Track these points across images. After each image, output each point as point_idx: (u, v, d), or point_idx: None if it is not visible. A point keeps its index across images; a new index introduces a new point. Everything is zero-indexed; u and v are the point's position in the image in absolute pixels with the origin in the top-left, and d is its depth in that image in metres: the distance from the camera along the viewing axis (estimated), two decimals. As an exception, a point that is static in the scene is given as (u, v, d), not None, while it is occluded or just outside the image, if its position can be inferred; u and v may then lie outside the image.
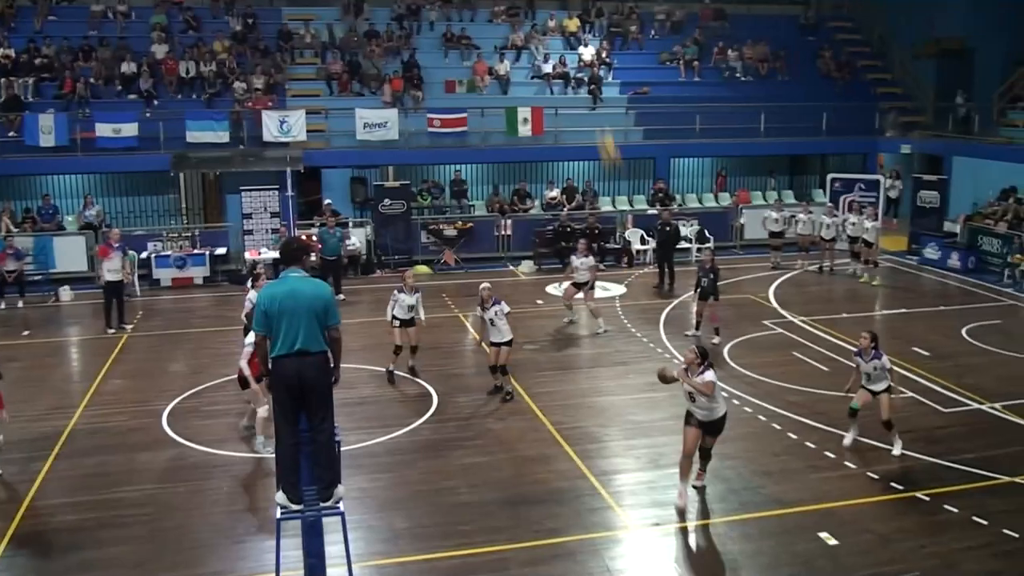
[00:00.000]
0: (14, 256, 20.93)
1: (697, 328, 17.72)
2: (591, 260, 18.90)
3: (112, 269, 19.21)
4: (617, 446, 12.86)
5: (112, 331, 19.16)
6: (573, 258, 19.03)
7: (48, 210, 24.95)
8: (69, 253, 23.44)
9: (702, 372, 10.79)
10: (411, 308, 15.48)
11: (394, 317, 15.58)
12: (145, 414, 14.30)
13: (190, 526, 10.72)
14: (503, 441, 13.03)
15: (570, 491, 11.38)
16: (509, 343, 14.68)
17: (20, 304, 21.22)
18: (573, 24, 31.93)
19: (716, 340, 17.21)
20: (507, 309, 14.76)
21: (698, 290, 17.65)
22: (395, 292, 15.62)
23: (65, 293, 22.07)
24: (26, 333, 19.35)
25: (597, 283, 19.32)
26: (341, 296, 20.62)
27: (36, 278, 22.33)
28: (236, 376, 12.88)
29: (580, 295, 18.88)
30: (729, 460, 12.14)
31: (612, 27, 32.28)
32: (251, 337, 10.74)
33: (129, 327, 19.47)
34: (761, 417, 13.82)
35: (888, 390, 12.30)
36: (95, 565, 9.93)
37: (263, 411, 12.03)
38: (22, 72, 27.23)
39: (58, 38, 28.51)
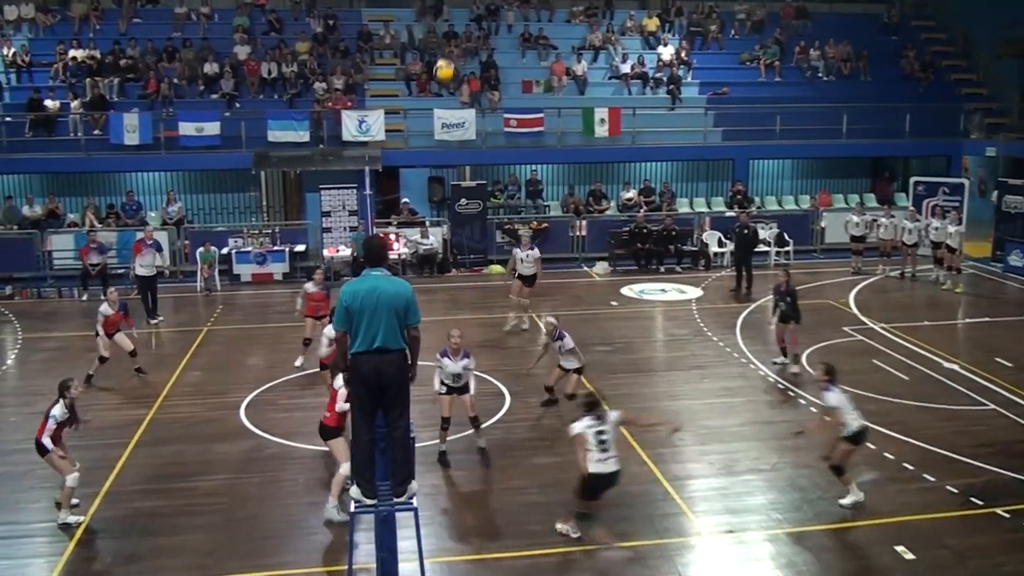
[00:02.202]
0: (97, 250, 21.46)
1: (784, 354, 16.25)
2: (536, 252, 18.75)
3: (144, 264, 19.88)
4: (691, 451, 12.71)
5: (153, 322, 19.78)
6: (517, 251, 18.92)
7: (131, 206, 25.63)
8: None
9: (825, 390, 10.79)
10: (458, 377, 12.39)
11: (442, 383, 12.53)
12: (223, 406, 14.59)
13: (263, 517, 10.91)
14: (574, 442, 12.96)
15: (642, 495, 11.28)
16: (579, 370, 14.03)
17: (103, 297, 21.72)
18: (652, 24, 31.70)
19: (796, 369, 15.91)
20: (570, 344, 13.85)
21: (776, 314, 16.15)
22: (438, 356, 12.41)
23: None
24: (153, 322, 19.91)
25: (671, 286, 19.04)
26: None
27: (119, 272, 22.93)
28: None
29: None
30: (805, 469, 11.94)
31: (692, 27, 31.95)
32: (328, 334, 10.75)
33: (160, 319, 20.01)
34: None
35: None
36: (169, 551, 10.17)
37: (344, 469, 10.30)
38: (107, 73, 28.02)
39: (143, 40, 29.28)
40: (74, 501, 10.90)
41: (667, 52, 30.38)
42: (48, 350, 18.17)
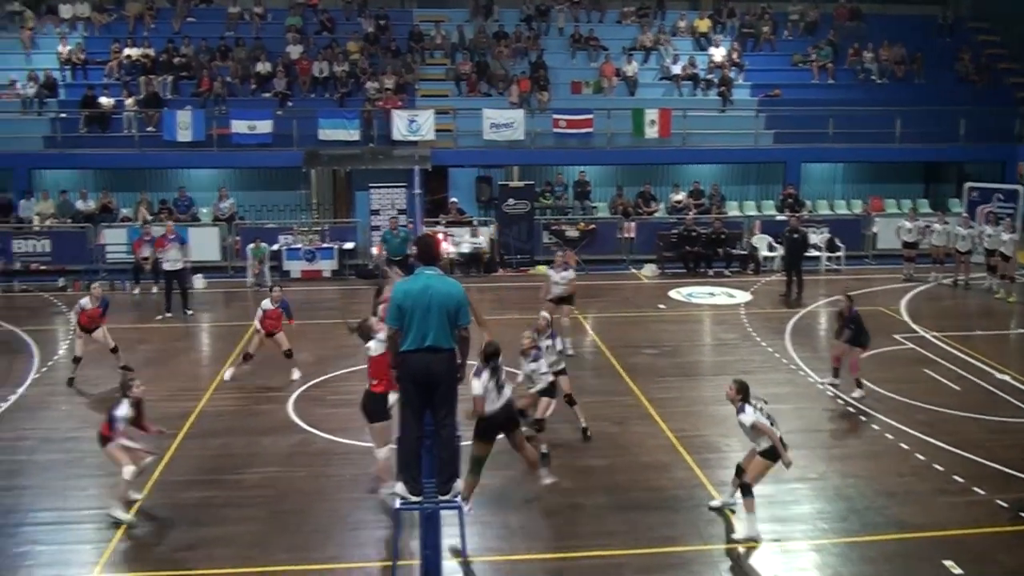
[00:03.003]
0: (176, 240, 21.52)
1: (835, 376, 15.37)
2: (571, 274, 17.18)
3: (170, 259, 20.18)
4: (737, 457, 12.40)
5: (170, 315, 20.05)
6: (551, 272, 17.40)
7: (184, 202, 26.00)
8: (203, 243, 24.25)
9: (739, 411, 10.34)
10: (528, 380, 12.24)
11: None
12: (271, 400, 14.74)
13: (309, 511, 10.99)
14: (620, 445, 12.92)
15: (687, 500, 11.20)
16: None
17: (155, 290, 22.08)
18: (704, 25, 31.49)
19: (858, 393, 14.81)
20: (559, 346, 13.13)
21: (842, 337, 15.01)
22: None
23: (198, 281, 22.92)
24: (159, 318, 20.19)
25: (719, 290, 18.78)
26: None
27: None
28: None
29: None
30: (852, 478, 11.78)
31: (744, 28, 31.69)
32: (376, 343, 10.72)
33: (191, 312, 20.27)
34: (888, 436, 13.32)
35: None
36: (216, 541, 10.29)
37: (382, 453, 10.73)
38: (161, 71, 28.47)
39: (196, 39, 29.73)
40: (135, 496, 11.02)
41: (719, 53, 30.17)
42: (99, 342, 18.43)
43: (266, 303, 15.79)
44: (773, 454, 10.23)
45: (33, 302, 21.54)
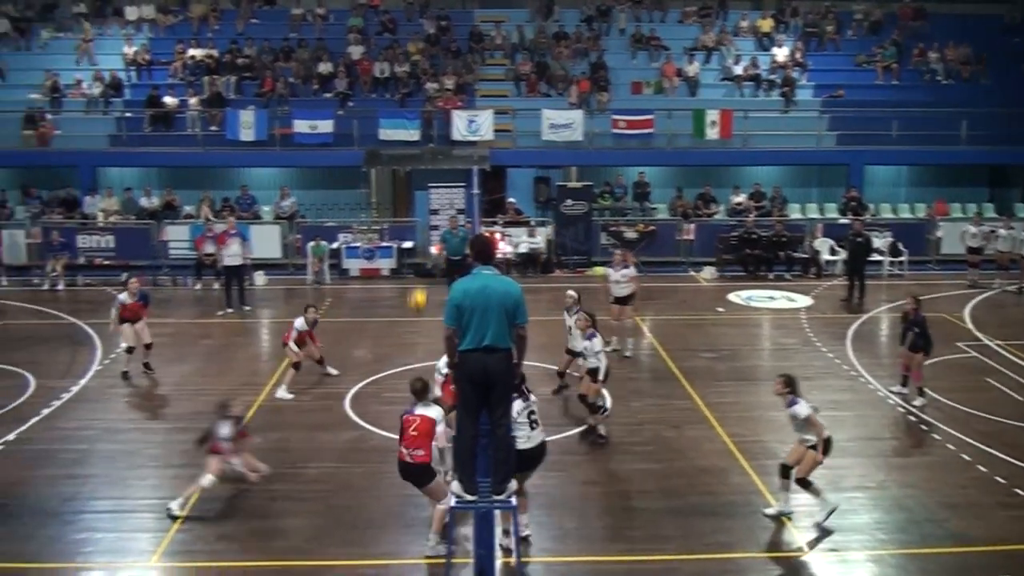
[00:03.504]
0: (238, 236, 21.17)
1: (904, 384, 15.02)
2: (631, 271, 17.16)
3: (231, 255, 20.42)
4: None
5: (231, 310, 20.35)
6: (610, 271, 17.24)
7: (246, 200, 26.36)
8: (264, 241, 24.55)
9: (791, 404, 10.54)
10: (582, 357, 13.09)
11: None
12: (328, 396, 14.87)
13: (365, 507, 11.08)
14: (676, 449, 12.82)
15: (744, 506, 11.07)
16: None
17: (216, 286, 22.40)
18: (767, 24, 31.14)
19: (919, 401, 14.52)
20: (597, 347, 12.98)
21: (906, 342, 14.75)
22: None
23: (260, 278, 23.24)
24: (220, 313, 20.49)
25: (780, 293, 18.51)
26: None
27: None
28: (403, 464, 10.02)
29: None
30: (911, 489, 11.55)
31: (807, 27, 31.25)
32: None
33: (248, 308, 20.45)
34: (949, 446, 13.01)
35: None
36: (272, 533, 10.43)
37: (444, 505, 9.39)
38: (225, 71, 28.95)
39: (259, 39, 30.17)
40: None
41: (781, 53, 29.81)
42: (161, 335, 18.71)
43: (123, 296, 15.99)
44: (825, 446, 10.42)
45: (96, 296, 21.99)
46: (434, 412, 9.62)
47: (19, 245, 24.84)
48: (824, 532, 10.39)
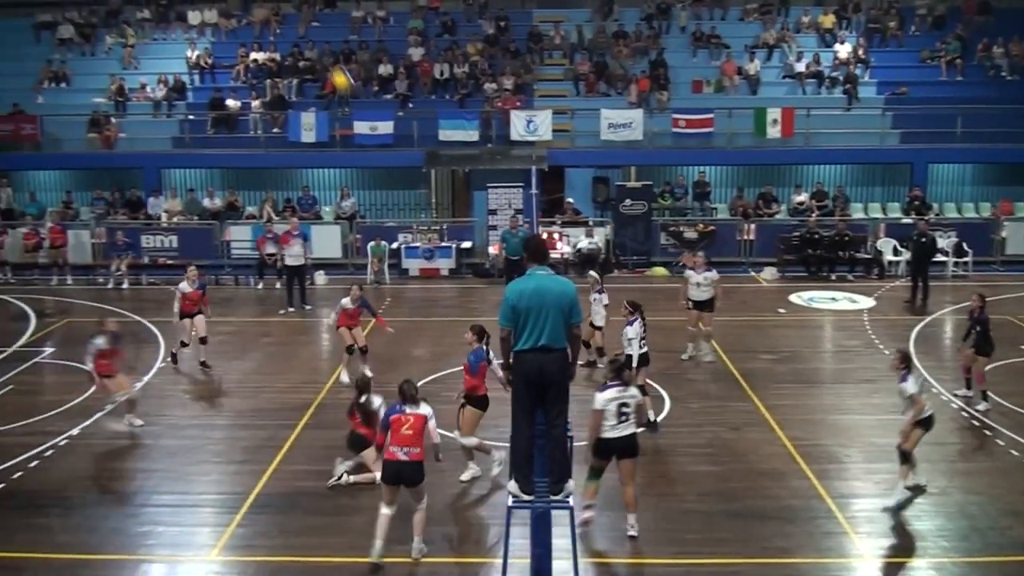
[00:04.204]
0: (300, 237, 21.46)
1: (968, 386, 14.68)
2: (714, 274, 16.27)
3: (293, 255, 20.69)
4: (857, 469, 12.20)
5: (292, 309, 20.59)
6: (691, 273, 16.40)
7: (307, 200, 26.68)
8: (325, 241, 24.80)
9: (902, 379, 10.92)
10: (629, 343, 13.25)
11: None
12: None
13: (423, 505, 11.11)
14: (736, 452, 12.68)
15: (804, 511, 10.91)
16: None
17: (277, 285, 22.68)
18: (828, 20, 30.63)
19: (983, 406, 14.16)
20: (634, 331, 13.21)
21: (969, 340, 14.48)
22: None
23: (320, 278, 23.50)
24: (282, 312, 20.74)
25: (841, 294, 18.13)
26: None
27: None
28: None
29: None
30: (975, 495, 11.29)
31: (870, 23, 30.66)
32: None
33: (309, 307, 20.65)
34: (1013, 452, 12.70)
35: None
36: (330, 529, 10.56)
37: (423, 509, 10.01)
38: (287, 74, 29.34)
39: (320, 42, 30.51)
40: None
41: (844, 50, 29.30)
42: (223, 333, 19.12)
43: (183, 285, 16.53)
44: (927, 423, 10.90)
45: (160, 295, 22.38)
46: (424, 409, 9.76)
47: (85, 245, 25.52)
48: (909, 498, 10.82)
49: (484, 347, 11.60)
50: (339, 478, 11.59)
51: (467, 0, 32.40)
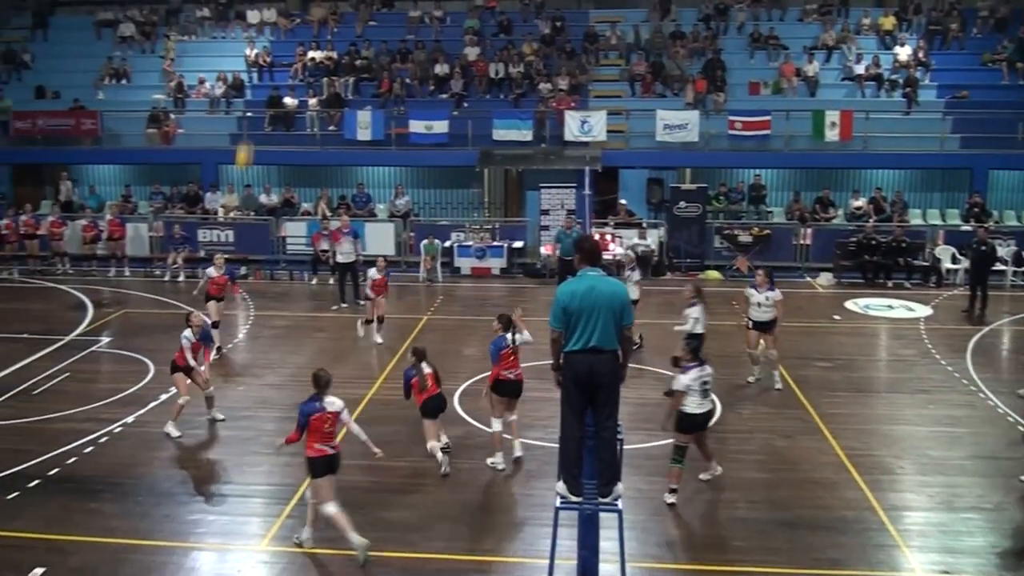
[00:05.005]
0: (351, 235, 21.75)
1: None
2: (777, 294, 15.20)
3: (344, 252, 20.89)
4: (910, 480, 11.96)
5: (345, 305, 20.73)
6: (753, 292, 15.35)
7: (362, 198, 26.89)
8: (379, 238, 24.94)
9: None
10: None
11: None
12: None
13: (470, 503, 11.19)
14: (787, 460, 12.52)
15: (856, 522, 10.71)
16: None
17: (331, 281, 22.87)
18: (889, 22, 30.12)
19: None
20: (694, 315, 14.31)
21: None
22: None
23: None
24: (334, 308, 20.90)
25: (898, 302, 17.75)
26: None
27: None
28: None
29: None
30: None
31: (931, 24, 30.06)
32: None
33: (363, 303, 20.53)
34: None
35: None
36: (379, 525, 10.58)
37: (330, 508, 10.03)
38: (343, 72, 29.60)
39: (377, 42, 30.75)
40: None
41: (904, 52, 28.79)
42: (277, 327, 19.39)
43: (211, 270, 17.48)
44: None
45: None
46: (337, 405, 10.03)
47: (143, 238, 26.07)
48: None
49: (506, 335, 12.07)
50: (442, 460, 11.97)
51: (524, 0, 32.40)
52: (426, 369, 12.01)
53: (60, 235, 25.36)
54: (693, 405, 10.79)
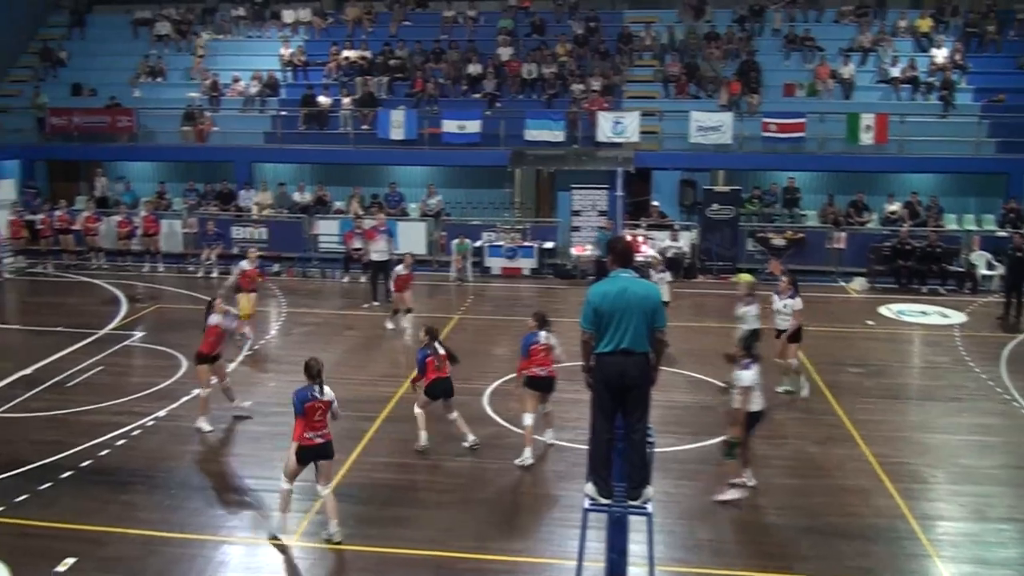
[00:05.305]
0: (387, 233, 21.90)
1: None
2: (797, 303, 14.85)
3: (378, 250, 21.05)
4: (942, 489, 11.83)
5: (376, 304, 20.74)
6: (776, 298, 15.07)
7: (394, 197, 26.97)
8: (410, 237, 24.94)
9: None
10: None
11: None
12: (467, 392, 14.97)
13: (499, 503, 11.21)
14: (819, 466, 12.42)
15: (887, 530, 10.61)
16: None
17: (362, 279, 23.02)
18: (925, 24, 29.70)
19: None
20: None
21: None
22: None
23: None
24: (366, 306, 20.96)
25: (932, 308, 17.49)
26: None
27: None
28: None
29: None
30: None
31: (968, 27, 29.66)
32: None
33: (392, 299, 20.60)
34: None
35: None
36: (408, 522, 10.67)
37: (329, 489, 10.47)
38: (377, 72, 29.70)
39: (411, 41, 30.83)
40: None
41: (940, 54, 28.42)
42: (308, 324, 19.51)
43: (244, 263, 18.00)
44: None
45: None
46: (329, 395, 10.17)
47: (176, 234, 26.30)
48: None
49: (539, 332, 12.47)
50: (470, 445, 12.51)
51: (557, 0, 32.36)
52: (440, 349, 12.37)
53: (95, 230, 25.70)
54: (757, 403, 10.98)
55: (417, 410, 12.56)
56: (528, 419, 12.29)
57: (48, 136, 29.52)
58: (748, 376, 10.82)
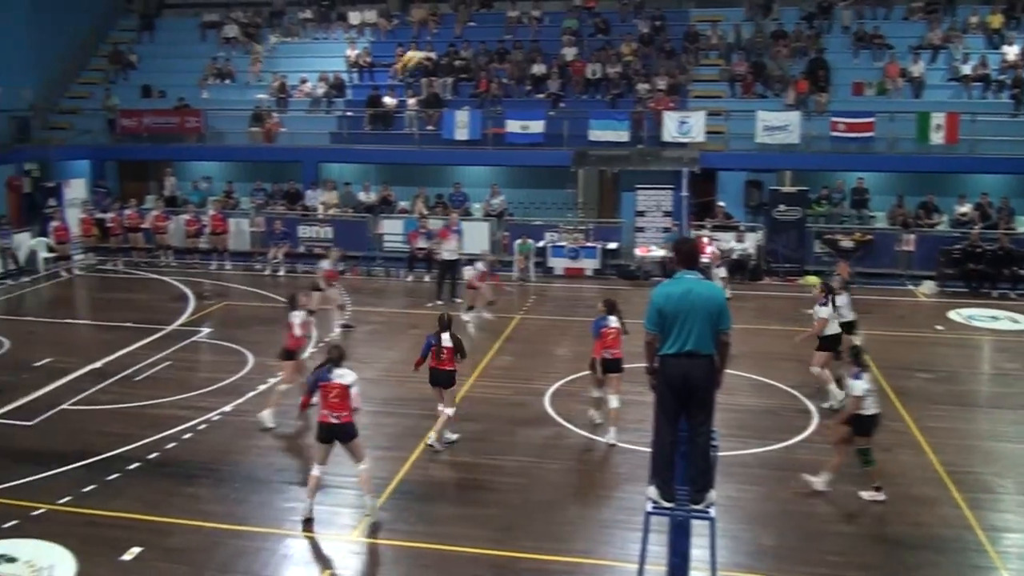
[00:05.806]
0: (458, 232, 22.34)
1: None
2: (822, 311, 14.35)
3: (449, 249, 21.33)
4: (1012, 500, 11.53)
5: (441, 302, 20.79)
6: (817, 308, 14.50)
7: (458, 197, 27.12)
8: (473, 237, 24.99)
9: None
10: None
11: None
12: (529, 392, 15.08)
13: (560, 503, 11.19)
14: (884, 474, 12.11)
15: (953, 541, 10.39)
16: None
17: (427, 279, 23.24)
18: (997, 20, 28.87)
19: None
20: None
21: None
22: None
23: (468, 272, 23.67)
24: (430, 305, 21.09)
25: (1003, 313, 17.04)
26: None
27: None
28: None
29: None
30: None
31: (1040, 23, 28.95)
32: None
33: (460, 301, 20.77)
34: None
35: None
36: (469, 520, 10.72)
37: (365, 465, 10.88)
38: (442, 73, 29.86)
39: (476, 42, 30.93)
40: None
41: (1012, 52, 27.60)
42: (372, 323, 19.72)
43: (325, 263, 18.82)
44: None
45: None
46: (348, 378, 10.47)
47: (244, 233, 26.81)
48: None
49: (608, 316, 12.99)
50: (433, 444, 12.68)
51: (622, 0, 32.24)
52: (445, 341, 12.54)
53: (164, 228, 26.31)
54: (872, 407, 11.09)
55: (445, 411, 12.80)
56: (596, 391, 13.35)
57: (118, 137, 30.25)
58: (860, 386, 10.96)
